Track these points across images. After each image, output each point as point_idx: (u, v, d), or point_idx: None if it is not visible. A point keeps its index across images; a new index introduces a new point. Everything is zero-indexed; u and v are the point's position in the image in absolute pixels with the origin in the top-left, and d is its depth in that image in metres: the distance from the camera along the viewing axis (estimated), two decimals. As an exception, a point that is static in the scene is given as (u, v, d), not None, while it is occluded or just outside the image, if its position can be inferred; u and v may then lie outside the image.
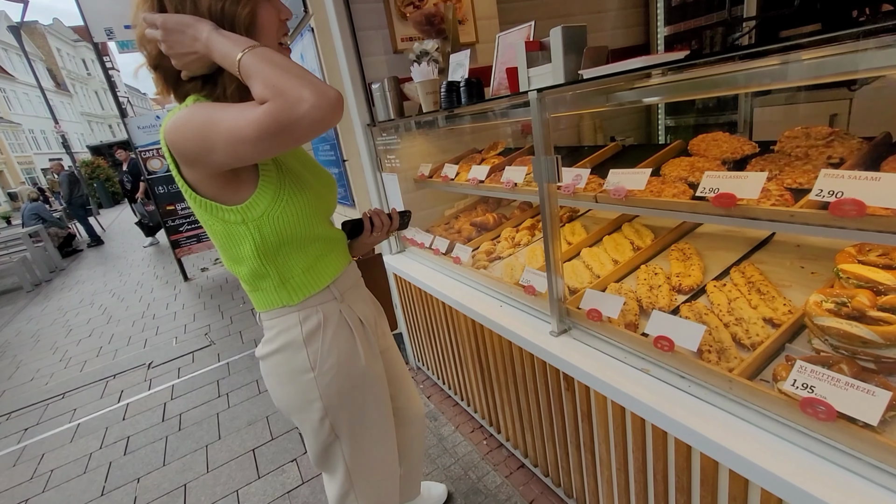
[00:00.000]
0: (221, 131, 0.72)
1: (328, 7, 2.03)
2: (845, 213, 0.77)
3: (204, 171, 0.81)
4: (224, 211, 0.85)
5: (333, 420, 1.01)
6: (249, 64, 0.71)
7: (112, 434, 2.56)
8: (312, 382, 0.97)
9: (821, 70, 0.80)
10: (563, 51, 1.18)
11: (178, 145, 0.78)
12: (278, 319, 0.97)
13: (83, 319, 4.67)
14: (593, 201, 1.26)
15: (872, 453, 0.71)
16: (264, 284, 0.94)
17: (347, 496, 1.10)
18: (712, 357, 0.98)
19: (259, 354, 1.01)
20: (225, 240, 0.89)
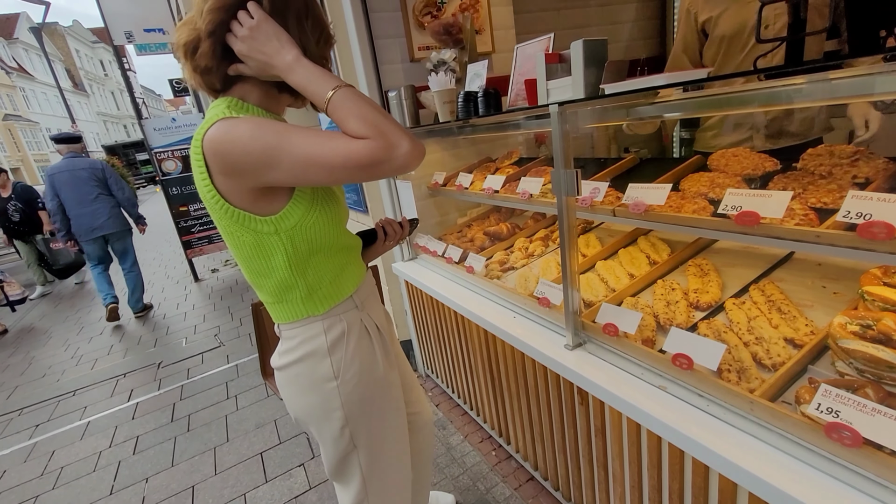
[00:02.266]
0: (296, 153, 0.76)
1: (347, 16, 2.05)
2: (874, 236, 0.76)
3: (246, 184, 0.81)
4: (256, 221, 0.85)
5: (353, 429, 1.00)
6: (344, 100, 0.78)
7: (121, 433, 2.58)
8: (335, 391, 0.97)
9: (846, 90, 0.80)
10: (583, 64, 1.18)
11: (230, 155, 0.78)
12: (301, 329, 0.96)
13: (95, 317, 4.72)
14: (611, 215, 1.26)
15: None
16: (291, 296, 0.94)
17: None
18: (732, 377, 0.97)
19: (278, 365, 1.01)
20: (254, 251, 0.89)
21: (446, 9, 2.23)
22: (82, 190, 3.82)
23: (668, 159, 1.56)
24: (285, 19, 0.83)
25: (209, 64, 0.83)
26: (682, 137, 3.02)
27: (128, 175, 17.19)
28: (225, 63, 0.84)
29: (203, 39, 0.82)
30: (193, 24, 0.82)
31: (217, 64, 0.83)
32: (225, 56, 0.83)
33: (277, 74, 0.83)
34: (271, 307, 0.99)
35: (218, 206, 0.84)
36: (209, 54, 0.82)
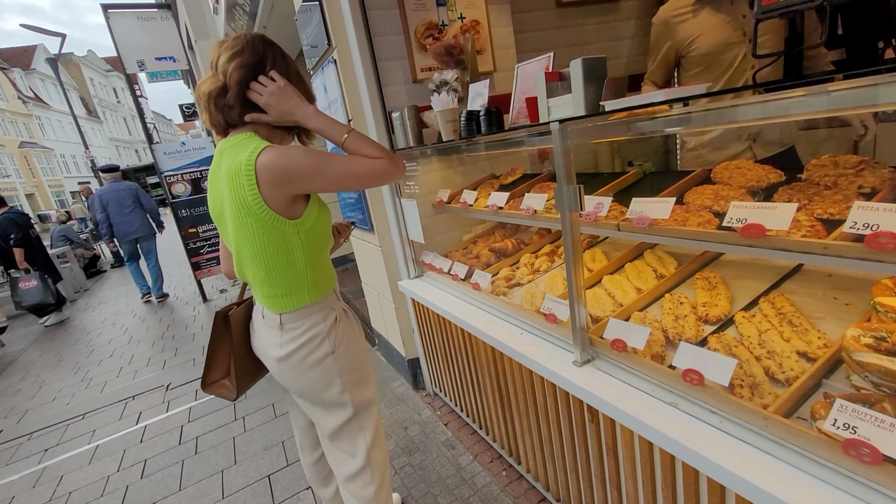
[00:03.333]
0: (338, 168, 1.08)
1: (351, 40, 2.10)
2: (882, 247, 0.75)
3: (291, 191, 1.07)
4: (286, 224, 1.10)
5: (351, 394, 1.27)
6: (356, 139, 1.13)
7: (130, 456, 2.57)
8: (333, 364, 1.23)
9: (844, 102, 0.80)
10: (583, 81, 1.20)
11: (288, 168, 1.04)
12: (305, 319, 1.20)
13: (105, 339, 4.75)
14: (616, 230, 1.26)
15: (924, 501, 0.68)
16: (301, 286, 1.17)
17: (364, 469, 1.34)
18: (745, 392, 0.95)
19: (281, 355, 1.20)
20: (279, 250, 1.12)
21: (447, 31, 2.28)
22: (122, 205, 5.19)
23: (672, 172, 1.56)
24: (288, 76, 1.14)
25: (233, 104, 1.10)
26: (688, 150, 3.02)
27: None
28: (243, 107, 1.11)
29: (231, 88, 1.08)
30: (215, 77, 1.10)
31: (240, 107, 1.11)
32: (245, 103, 1.11)
33: (296, 122, 1.15)
34: (278, 300, 1.18)
35: (258, 211, 1.06)
36: (235, 98, 1.09)
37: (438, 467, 2.01)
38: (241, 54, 1.09)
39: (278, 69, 1.13)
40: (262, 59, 1.11)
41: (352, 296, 4.17)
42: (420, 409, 2.46)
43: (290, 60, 1.19)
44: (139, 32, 4.75)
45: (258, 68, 1.10)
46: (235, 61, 1.08)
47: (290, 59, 1.19)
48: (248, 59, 1.09)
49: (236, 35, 1.14)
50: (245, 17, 3.34)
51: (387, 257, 2.43)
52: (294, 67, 1.19)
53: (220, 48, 1.13)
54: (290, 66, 1.17)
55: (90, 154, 14.61)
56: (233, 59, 1.09)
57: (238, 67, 1.08)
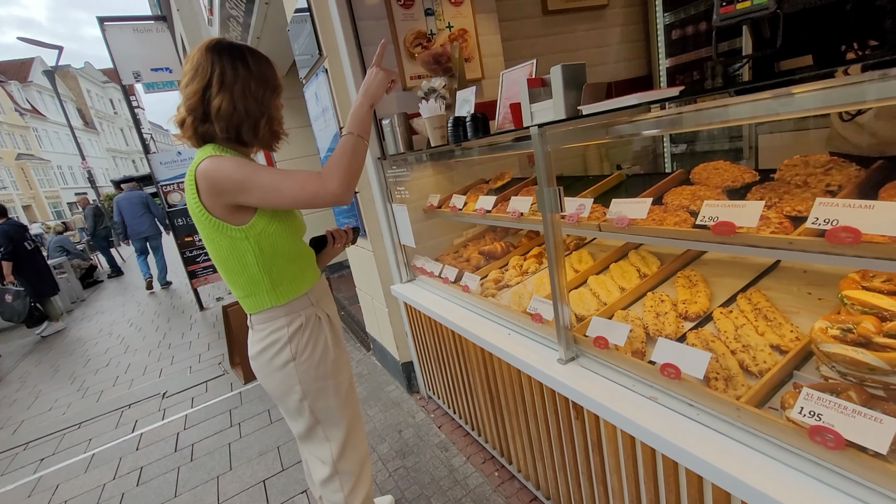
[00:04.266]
0: (265, 184, 1.07)
1: (341, 50, 2.15)
2: (841, 241, 0.79)
3: (224, 201, 1.08)
4: (231, 229, 1.12)
5: (311, 402, 1.27)
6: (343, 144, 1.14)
7: (126, 464, 2.57)
8: (293, 371, 1.22)
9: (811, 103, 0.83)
10: (563, 87, 1.24)
11: (218, 180, 1.05)
12: (269, 323, 1.21)
13: (101, 349, 4.75)
14: (597, 230, 1.29)
15: (883, 483, 0.70)
16: (258, 289, 1.19)
17: (333, 477, 1.34)
18: (720, 384, 0.98)
19: (251, 354, 1.25)
20: (229, 252, 1.15)
21: (436, 39, 2.33)
22: (135, 210, 6.40)
23: (654, 174, 1.60)
24: (231, 92, 1.10)
25: (191, 135, 1.13)
26: (673, 153, 3.08)
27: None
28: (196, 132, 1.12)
29: (186, 118, 1.11)
30: (179, 107, 1.13)
31: (195, 135, 1.13)
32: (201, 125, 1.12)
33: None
34: (244, 300, 1.22)
35: (203, 217, 1.10)
36: (191, 127, 1.12)
37: (432, 469, 2.03)
38: (193, 80, 1.10)
39: (226, 83, 1.09)
40: (209, 81, 1.08)
41: (347, 301, 4.19)
42: (414, 412, 2.48)
43: (241, 61, 1.12)
44: (135, 44, 4.80)
45: (205, 92, 1.09)
46: (188, 89, 1.10)
47: (242, 60, 1.12)
48: (197, 84, 1.09)
49: (192, 53, 1.12)
50: (239, 29, 3.39)
51: (379, 262, 2.46)
52: (248, 67, 1.12)
53: (184, 69, 1.13)
54: (240, 71, 1.11)
55: (87, 165, 14.64)
56: (187, 85, 1.10)
57: (190, 96, 1.09)
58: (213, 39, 1.14)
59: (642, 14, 3.05)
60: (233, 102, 1.10)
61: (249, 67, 1.14)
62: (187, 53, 1.15)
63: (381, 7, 2.17)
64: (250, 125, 1.14)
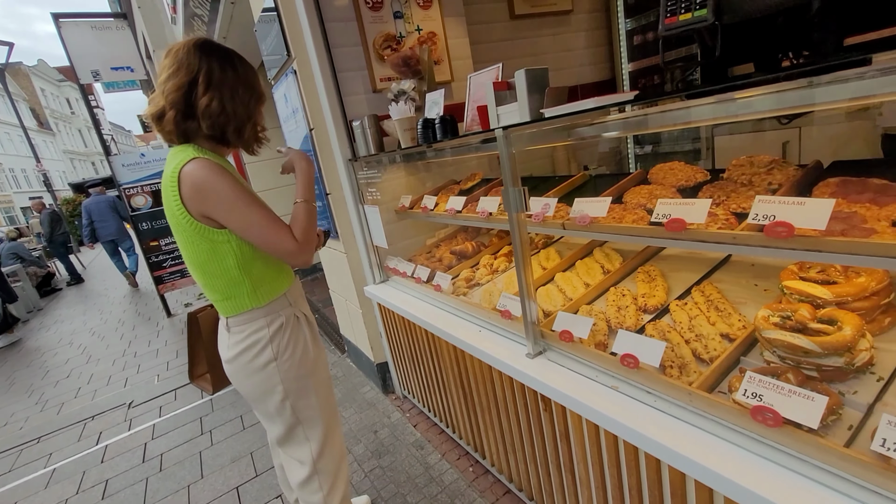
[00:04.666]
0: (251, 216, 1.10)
1: (310, 51, 2.14)
2: (777, 235, 0.85)
3: (204, 209, 1.08)
4: (213, 233, 1.12)
5: (293, 402, 1.28)
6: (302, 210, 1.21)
7: (90, 478, 2.48)
8: (275, 370, 1.23)
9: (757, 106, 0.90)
10: (527, 91, 1.28)
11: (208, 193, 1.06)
12: (249, 324, 1.21)
13: (61, 360, 4.55)
14: (561, 228, 1.34)
15: (815, 455, 0.77)
16: (239, 291, 1.19)
17: (312, 477, 1.35)
18: (674, 372, 1.04)
19: (228, 357, 1.24)
20: (210, 255, 1.14)
21: (405, 42, 2.35)
22: (103, 213, 6.47)
23: (616, 175, 1.67)
24: (220, 92, 1.11)
25: (171, 129, 1.11)
26: (636, 154, 3.19)
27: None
28: (178, 128, 1.11)
29: (167, 111, 1.09)
30: (157, 98, 1.11)
31: (176, 130, 1.11)
32: (183, 121, 1.10)
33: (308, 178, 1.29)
34: (221, 303, 1.22)
35: (183, 219, 1.09)
36: (172, 121, 1.10)
37: (408, 468, 2.05)
38: (176, 75, 1.09)
39: (213, 82, 1.10)
40: (194, 78, 1.09)
41: (321, 304, 4.16)
42: (390, 412, 2.49)
43: (230, 65, 1.14)
44: (93, 42, 4.62)
45: (190, 89, 1.09)
46: (170, 83, 1.09)
47: (230, 63, 1.14)
48: (181, 80, 1.08)
49: (177, 48, 1.12)
50: (204, 28, 3.32)
51: (352, 263, 2.46)
52: (237, 71, 1.15)
53: (162, 63, 1.12)
54: (229, 73, 1.13)
55: (42, 168, 13.95)
56: (168, 80, 1.09)
57: (172, 91, 1.08)
58: (199, 38, 1.14)
59: (605, 20, 3.15)
60: (222, 103, 1.11)
61: (237, 71, 1.16)
62: (169, 50, 1.12)
63: (350, 9, 2.18)
64: (236, 127, 1.16)
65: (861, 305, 0.93)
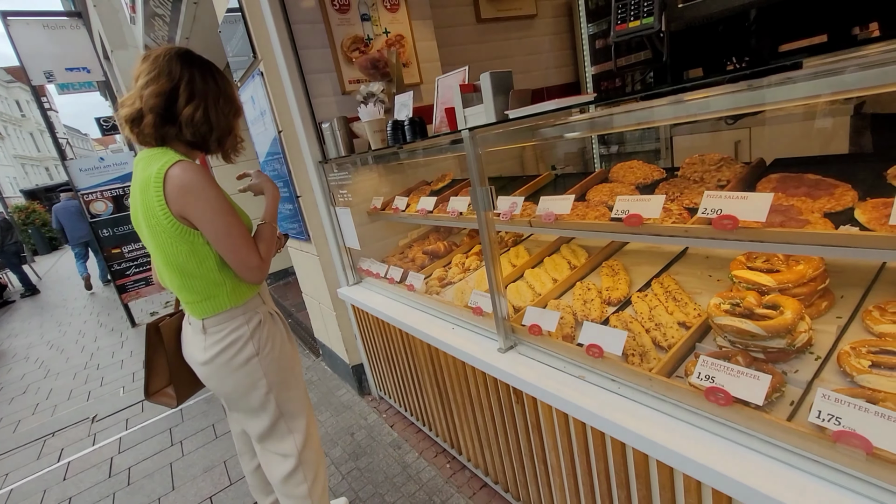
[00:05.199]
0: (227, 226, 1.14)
1: (277, 53, 2.13)
2: (724, 227, 0.92)
3: (183, 210, 1.10)
4: (194, 235, 1.14)
5: (276, 394, 1.31)
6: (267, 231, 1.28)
7: (51, 497, 2.38)
8: (258, 365, 1.26)
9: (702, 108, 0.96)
10: (492, 93, 1.32)
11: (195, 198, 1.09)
12: (227, 323, 1.23)
13: (16, 376, 4.32)
14: (528, 226, 1.39)
15: (761, 429, 0.83)
16: (219, 291, 1.20)
17: (297, 469, 1.38)
18: (636, 360, 1.10)
19: (205, 359, 1.24)
20: (189, 257, 1.15)
21: (373, 45, 2.36)
22: (73, 217, 6.67)
23: (580, 174, 1.73)
24: (204, 102, 1.15)
25: (149, 132, 1.13)
26: (601, 154, 3.30)
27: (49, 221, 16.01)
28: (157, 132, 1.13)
29: (146, 115, 1.11)
30: (133, 101, 1.12)
31: (155, 133, 1.13)
32: (162, 126, 1.13)
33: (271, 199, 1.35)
34: (198, 305, 1.22)
35: (165, 220, 1.10)
36: (151, 125, 1.12)
37: (385, 468, 2.05)
38: (157, 81, 1.11)
39: (197, 92, 1.14)
40: (176, 85, 1.12)
41: (294, 308, 4.10)
42: (366, 413, 2.49)
43: (211, 76, 1.19)
44: (46, 41, 4.41)
45: (172, 95, 1.12)
46: (150, 89, 1.11)
47: (211, 75, 1.19)
48: (162, 86, 1.11)
49: (157, 54, 1.14)
50: (165, 28, 3.24)
51: (325, 266, 2.45)
52: (218, 84, 1.20)
53: (140, 68, 1.14)
54: (210, 84, 1.17)
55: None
56: (148, 85, 1.11)
57: (152, 96, 1.11)
58: (180, 48, 1.18)
59: (569, 24, 3.25)
60: (206, 113, 1.16)
61: (218, 83, 1.20)
62: (147, 55, 1.14)
63: (317, 11, 2.18)
64: (217, 137, 1.21)
65: (801, 291, 1.01)
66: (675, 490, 0.98)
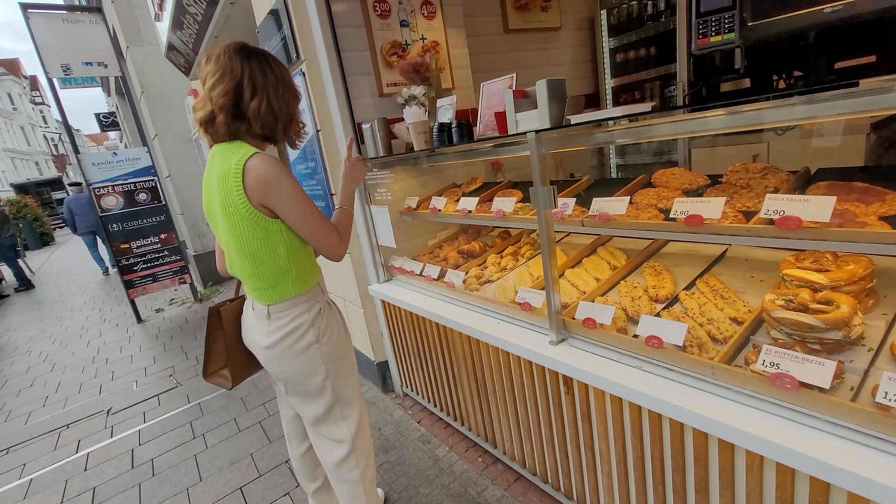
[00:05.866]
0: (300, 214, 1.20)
1: (320, 54, 2.19)
2: (788, 227, 1.00)
3: (265, 200, 1.17)
4: (269, 222, 1.20)
5: (333, 381, 1.36)
6: (346, 215, 1.39)
7: (74, 486, 2.37)
8: (317, 352, 1.32)
9: (762, 118, 1.05)
10: (547, 99, 1.40)
11: (272, 185, 1.15)
12: (291, 310, 1.29)
13: (20, 368, 4.27)
14: (580, 225, 1.46)
15: (826, 410, 0.91)
16: (285, 279, 1.26)
17: (350, 454, 1.43)
18: (694, 350, 1.17)
19: (268, 343, 1.31)
20: (263, 244, 1.22)
21: (410, 50, 2.44)
22: (83, 208, 7.31)
23: (617, 179, 1.82)
24: (266, 94, 1.19)
25: (223, 131, 1.19)
26: (618, 164, 3.41)
27: (42, 216, 15.76)
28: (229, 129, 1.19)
29: (217, 115, 1.17)
30: (206, 103, 1.19)
31: (227, 131, 1.19)
32: (233, 123, 1.19)
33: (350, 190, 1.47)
34: (266, 291, 1.27)
35: (243, 208, 1.16)
36: (223, 124, 1.18)
37: (416, 461, 2.10)
38: (222, 80, 1.16)
39: (258, 85, 1.18)
40: (239, 82, 1.17)
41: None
42: (391, 410, 2.53)
43: (268, 66, 1.21)
44: (64, 35, 4.43)
45: (237, 92, 1.17)
46: (217, 89, 1.16)
47: (268, 64, 1.22)
48: (228, 84, 1.16)
49: (217, 54, 1.18)
50: (195, 26, 3.28)
51: (355, 263, 2.50)
52: (276, 72, 1.23)
53: (206, 70, 1.19)
54: (268, 74, 1.20)
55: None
56: (215, 86, 1.17)
57: (220, 95, 1.16)
58: (236, 43, 1.20)
59: (590, 38, 3.37)
60: (269, 104, 1.20)
61: (275, 72, 1.24)
62: (209, 56, 1.18)
63: (360, 16, 2.25)
64: (283, 126, 1.27)
65: (850, 289, 1.10)
66: (735, 470, 1.05)
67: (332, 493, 1.68)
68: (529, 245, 2.15)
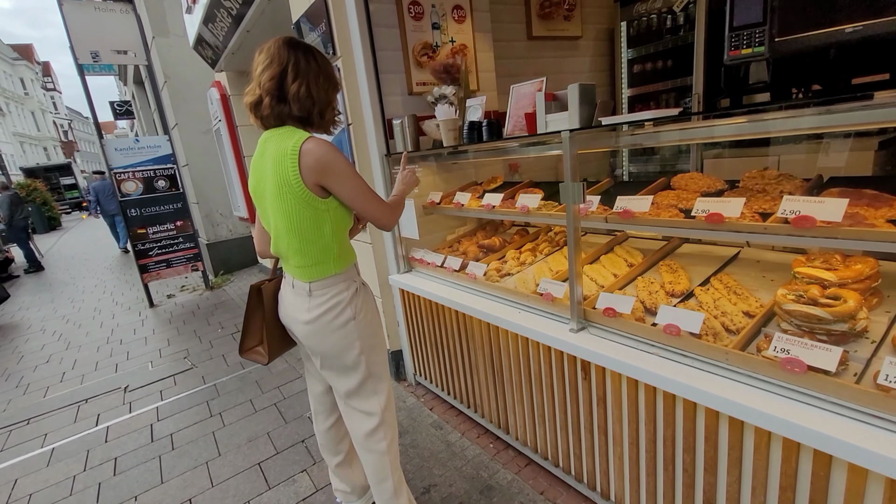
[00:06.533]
0: (355, 191, 1.30)
1: (356, 52, 2.30)
2: (802, 225, 1.09)
3: (320, 180, 1.27)
4: (319, 202, 1.29)
5: (367, 357, 1.44)
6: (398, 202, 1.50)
7: (96, 456, 2.46)
8: (354, 328, 1.40)
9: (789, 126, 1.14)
10: (578, 101, 1.50)
11: (329, 164, 1.25)
12: (331, 288, 1.38)
13: (36, 346, 4.36)
14: (603, 221, 1.56)
15: (831, 391, 1.00)
16: (328, 257, 1.36)
17: (379, 427, 1.50)
18: (710, 338, 1.26)
19: (308, 319, 1.39)
20: (311, 223, 1.31)
21: (440, 51, 2.55)
22: (107, 194, 8.52)
23: (637, 182, 1.91)
24: (307, 79, 1.29)
25: (268, 113, 1.29)
26: (630, 172, 3.50)
27: (51, 200, 15.90)
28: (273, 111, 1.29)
29: (263, 98, 1.28)
30: (254, 89, 1.30)
31: (272, 114, 1.29)
32: (277, 105, 1.28)
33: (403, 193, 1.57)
34: (309, 269, 1.36)
35: (298, 188, 1.25)
36: (268, 107, 1.28)
37: (429, 445, 2.18)
38: (270, 67, 1.27)
39: (300, 71, 1.29)
40: (284, 68, 1.27)
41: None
42: (404, 397, 2.62)
43: (312, 57, 1.32)
44: (95, 23, 4.55)
45: (282, 77, 1.27)
46: (265, 75, 1.27)
47: (312, 56, 1.32)
48: (274, 70, 1.27)
49: (268, 46, 1.31)
50: (228, 20, 3.40)
51: (377, 254, 2.60)
52: (318, 62, 1.33)
53: (257, 60, 1.31)
54: (311, 63, 1.31)
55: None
56: (264, 72, 1.28)
57: (267, 80, 1.27)
58: (286, 37, 1.33)
59: (609, 48, 3.48)
60: (308, 88, 1.30)
61: (318, 63, 1.35)
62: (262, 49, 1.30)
63: (395, 16, 2.36)
64: (319, 110, 1.35)
65: (857, 287, 1.19)
66: (744, 449, 1.14)
67: (353, 468, 1.77)
68: (547, 242, 2.24)
